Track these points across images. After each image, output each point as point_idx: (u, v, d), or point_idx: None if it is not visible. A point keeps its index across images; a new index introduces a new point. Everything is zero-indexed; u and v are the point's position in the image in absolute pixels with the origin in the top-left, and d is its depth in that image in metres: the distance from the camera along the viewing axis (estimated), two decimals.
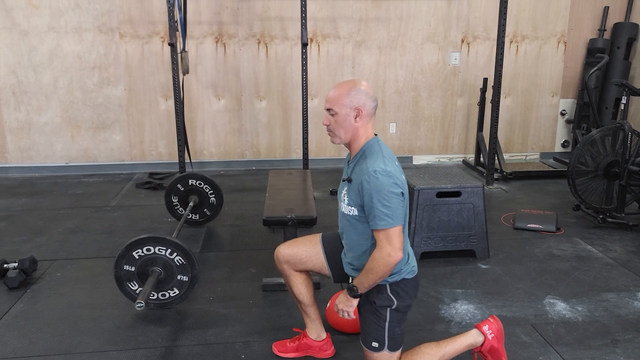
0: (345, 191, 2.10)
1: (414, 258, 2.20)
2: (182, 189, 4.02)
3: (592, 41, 5.94)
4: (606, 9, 5.90)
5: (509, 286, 3.17)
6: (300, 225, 2.91)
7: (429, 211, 3.45)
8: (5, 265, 3.19)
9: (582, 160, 4.23)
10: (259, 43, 5.64)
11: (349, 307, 2.08)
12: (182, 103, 4.68)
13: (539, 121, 6.21)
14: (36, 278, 3.26)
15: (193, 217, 4.09)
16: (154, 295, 2.82)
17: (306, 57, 4.69)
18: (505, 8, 4.85)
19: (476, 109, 5.90)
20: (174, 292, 2.83)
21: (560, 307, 2.92)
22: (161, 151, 5.80)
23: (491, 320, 2.28)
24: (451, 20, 5.80)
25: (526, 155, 6.29)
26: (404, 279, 2.09)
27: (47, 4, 5.31)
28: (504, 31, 4.90)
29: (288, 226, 2.94)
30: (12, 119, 5.54)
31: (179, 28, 4.50)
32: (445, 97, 6.01)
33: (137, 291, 2.80)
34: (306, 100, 4.85)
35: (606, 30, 5.95)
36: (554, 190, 5.12)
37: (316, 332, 2.45)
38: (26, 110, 5.54)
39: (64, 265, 3.45)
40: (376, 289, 2.07)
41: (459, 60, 5.91)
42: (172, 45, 4.53)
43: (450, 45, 5.87)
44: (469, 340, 2.24)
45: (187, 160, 4.84)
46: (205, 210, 4.09)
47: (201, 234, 4.01)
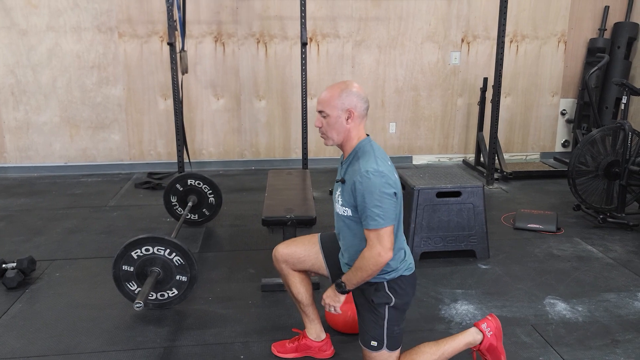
0: (339, 192, 2.11)
1: (411, 255, 2.20)
2: (181, 188, 4.01)
3: (593, 41, 5.94)
4: (606, 9, 5.90)
5: (509, 286, 3.16)
6: (299, 225, 2.91)
7: (429, 211, 3.44)
8: (4, 266, 3.18)
9: (582, 160, 4.22)
10: (258, 42, 5.63)
11: (336, 302, 2.10)
12: (181, 103, 4.67)
13: (539, 121, 6.20)
14: (35, 278, 3.25)
15: (192, 217, 4.09)
16: (152, 295, 2.81)
17: (305, 56, 4.68)
18: (506, 7, 4.84)
19: (476, 109, 5.89)
20: (173, 293, 2.82)
21: (560, 307, 2.91)
22: (160, 151, 5.79)
23: (489, 319, 2.29)
24: (451, 20, 5.79)
25: (526, 155, 6.28)
26: (401, 276, 2.10)
27: (46, 3, 5.30)
28: (504, 31, 4.89)
29: (287, 226, 2.93)
30: (10, 118, 5.53)
31: (178, 27, 4.49)
32: (445, 97, 6.00)
33: (135, 291, 2.79)
34: (305, 99, 4.84)
35: (606, 29, 5.94)
36: (554, 190, 5.11)
37: (315, 333, 2.45)
38: (25, 110, 5.53)
39: (62, 266, 3.44)
40: (374, 287, 2.08)
41: (459, 60, 5.91)
42: (171, 45, 4.52)
43: (450, 45, 5.86)
44: (468, 339, 2.24)
45: (186, 160, 4.83)
46: (204, 210, 4.08)
47: (200, 234, 4.00)
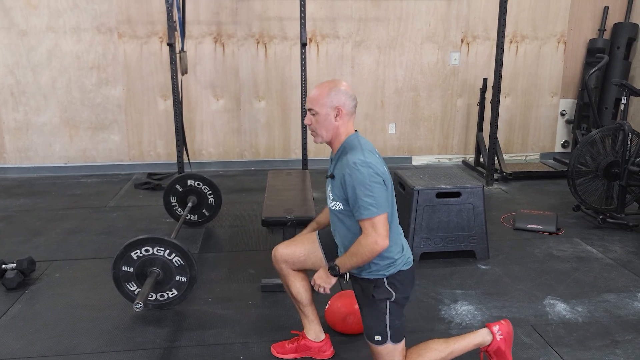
0: (329, 188, 2.15)
1: (409, 249, 2.21)
2: (180, 189, 4.01)
3: (592, 41, 5.94)
4: (606, 9, 5.90)
5: (509, 287, 3.16)
6: (299, 225, 2.90)
7: (428, 212, 3.44)
8: (4, 266, 3.18)
9: (582, 160, 4.22)
10: (258, 43, 5.63)
11: (327, 284, 2.12)
12: (181, 103, 4.66)
13: (538, 121, 6.20)
14: (34, 279, 3.25)
15: (192, 218, 4.08)
16: (152, 296, 2.81)
17: (305, 57, 4.68)
18: (505, 8, 4.84)
19: (476, 109, 5.89)
20: (173, 293, 2.82)
21: (560, 307, 2.91)
22: (160, 151, 5.79)
23: (503, 323, 2.30)
24: (451, 20, 5.79)
25: (526, 156, 6.28)
26: (400, 270, 2.11)
27: (45, 4, 5.30)
28: (503, 31, 4.89)
29: (287, 227, 2.93)
30: (10, 119, 5.53)
31: (177, 28, 4.49)
32: (445, 97, 6.00)
33: (135, 292, 2.79)
34: (305, 100, 4.84)
35: (606, 30, 5.94)
36: (553, 191, 5.11)
37: (314, 333, 2.45)
38: (24, 111, 5.53)
39: (62, 266, 3.44)
40: (374, 284, 2.09)
41: (458, 60, 5.91)
42: (171, 45, 4.52)
43: (449, 45, 5.87)
44: (478, 340, 2.25)
45: (185, 160, 4.82)
46: (203, 210, 4.08)
47: (200, 234, 4.00)
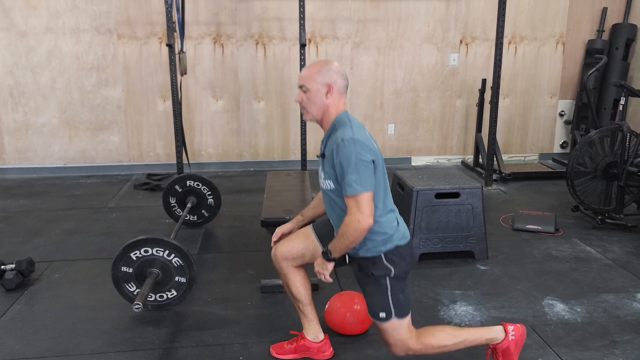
0: (321, 167, 2.16)
1: (404, 224, 2.21)
2: (180, 190, 4.01)
3: (591, 42, 5.95)
4: (604, 10, 5.91)
5: (508, 287, 3.17)
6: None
7: (427, 212, 3.45)
8: (3, 267, 3.17)
9: (580, 161, 4.23)
10: (257, 44, 5.63)
11: (325, 270, 2.12)
12: (180, 104, 4.67)
13: (537, 122, 6.21)
14: (34, 279, 3.25)
15: (191, 219, 4.09)
16: (151, 296, 2.81)
17: (304, 57, 4.68)
18: (504, 9, 4.85)
19: (475, 110, 5.90)
20: (172, 294, 2.82)
21: (559, 308, 2.92)
22: (159, 152, 5.79)
23: (519, 326, 2.30)
24: (449, 21, 5.80)
25: (525, 156, 6.29)
26: (397, 246, 2.12)
27: (44, 4, 5.30)
28: (502, 32, 4.90)
29: None
30: (9, 119, 5.53)
31: (176, 29, 4.49)
32: (444, 98, 6.01)
33: (134, 292, 2.79)
34: None
35: (604, 31, 5.95)
36: (552, 191, 5.12)
37: (314, 333, 2.45)
38: (24, 111, 5.53)
39: (61, 267, 3.44)
40: (371, 261, 2.10)
41: (457, 61, 5.92)
42: (170, 46, 4.52)
43: (448, 46, 5.87)
44: (491, 335, 2.25)
45: (185, 161, 4.83)
46: (203, 211, 4.08)
47: (199, 235, 4.00)
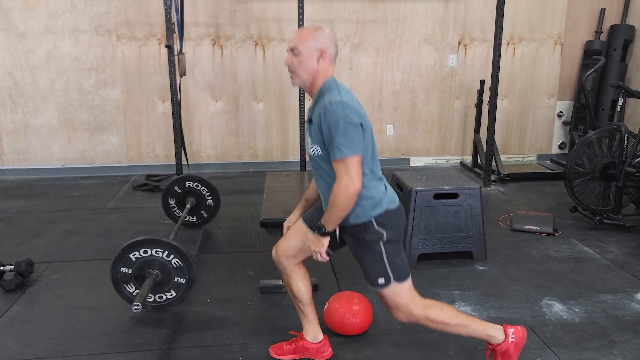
0: (308, 132, 2.13)
1: (392, 190, 2.21)
2: (179, 191, 4.01)
3: (589, 43, 5.96)
4: (602, 11, 5.93)
5: (507, 288, 3.17)
6: None
7: (426, 213, 3.45)
8: (2, 268, 3.17)
9: (579, 162, 4.24)
10: (256, 45, 5.64)
11: (320, 247, 2.10)
12: (179, 105, 4.67)
13: (535, 123, 6.22)
14: (33, 280, 3.25)
15: (190, 219, 4.09)
16: (151, 297, 2.81)
17: None
18: (502, 10, 4.86)
19: (473, 111, 5.91)
20: (171, 295, 2.82)
21: (557, 308, 2.92)
22: (158, 153, 5.79)
23: (519, 328, 2.29)
24: (448, 22, 5.81)
25: (523, 157, 6.30)
26: (387, 210, 2.11)
27: (44, 5, 5.31)
28: (500, 33, 4.91)
29: None
30: (8, 121, 5.53)
31: (176, 30, 4.49)
32: (443, 99, 6.02)
33: (134, 293, 2.79)
34: (303, 101, 4.85)
35: (602, 32, 5.97)
36: (551, 192, 5.12)
37: (313, 334, 2.45)
38: (23, 112, 5.53)
39: (60, 268, 3.44)
40: (363, 227, 2.10)
41: (456, 62, 5.93)
42: (169, 47, 4.52)
43: (447, 47, 5.88)
44: (492, 332, 2.23)
45: (184, 162, 4.83)
46: (202, 212, 4.08)
47: (198, 236, 4.00)
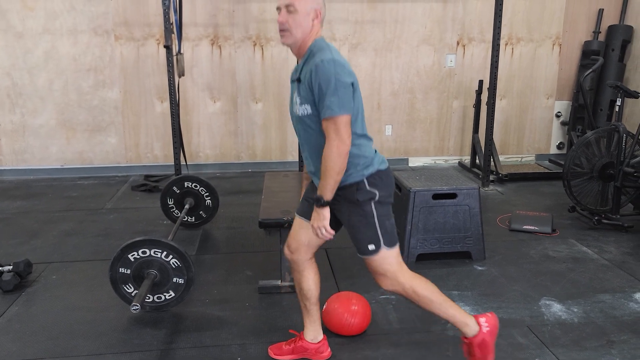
0: (296, 93, 2.11)
1: (380, 154, 2.22)
2: (177, 191, 4.01)
3: (587, 43, 5.97)
4: (601, 12, 5.93)
5: (505, 288, 3.18)
6: None
7: (425, 213, 3.46)
8: (0, 268, 3.17)
9: (577, 162, 4.24)
10: (254, 45, 5.64)
11: (322, 220, 2.08)
12: (178, 105, 4.67)
13: (534, 123, 6.23)
14: (31, 281, 3.24)
15: (189, 220, 4.09)
16: (149, 297, 2.81)
17: None
18: (501, 10, 4.86)
19: (472, 111, 5.91)
20: (170, 295, 2.82)
21: (556, 308, 2.93)
22: (157, 153, 5.79)
23: (489, 315, 2.28)
24: (446, 23, 5.82)
25: (522, 157, 6.31)
26: (378, 170, 2.13)
27: (42, 5, 5.30)
28: (499, 33, 4.91)
29: (284, 228, 2.94)
30: (6, 121, 5.52)
31: (174, 30, 4.49)
32: (441, 99, 6.02)
33: (132, 294, 2.79)
34: None
35: (601, 32, 5.97)
36: (549, 192, 5.13)
37: (313, 334, 2.45)
38: (21, 113, 5.52)
39: (59, 268, 3.43)
40: (355, 187, 2.10)
41: (454, 63, 5.93)
42: (168, 48, 4.52)
43: (445, 48, 5.89)
44: (468, 321, 2.22)
45: (182, 162, 4.83)
46: (201, 212, 4.08)
47: (197, 236, 4.00)
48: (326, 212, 2.07)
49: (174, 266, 2.75)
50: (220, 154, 5.88)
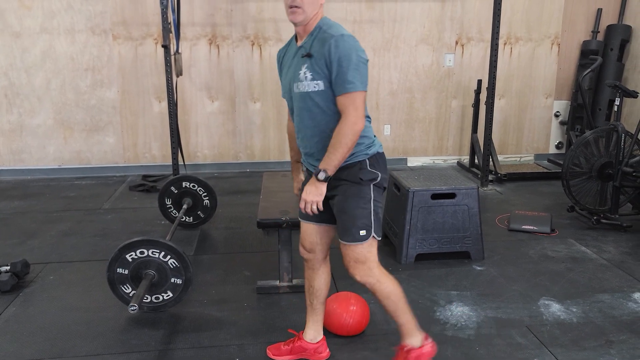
0: (305, 68, 2.05)
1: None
2: (175, 191, 4.00)
3: (586, 43, 5.97)
4: (599, 11, 5.93)
5: (504, 287, 3.17)
6: (294, 227, 2.90)
7: (423, 213, 3.45)
8: None
9: (576, 161, 4.24)
10: (252, 44, 5.63)
11: (318, 196, 2.04)
12: (176, 105, 4.66)
13: (533, 123, 6.23)
14: (28, 281, 3.23)
15: (187, 220, 4.08)
16: (147, 298, 2.80)
17: None
18: (499, 10, 4.86)
19: (470, 111, 5.91)
20: (168, 295, 2.81)
21: (554, 308, 2.92)
22: (155, 153, 5.78)
23: (433, 343, 2.31)
24: (445, 22, 5.81)
25: (520, 157, 6.30)
26: (377, 152, 2.15)
27: (39, 5, 5.28)
28: (497, 33, 4.91)
29: (282, 228, 2.94)
30: (4, 121, 5.50)
31: (172, 30, 4.48)
32: (440, 99, 6.02)
33: (130, 294, 2.78)
34: None
35: (599, 32, 5.98)
36: (548, 192, 5.13)
37: (313, 333, 2.45)
38: (18, 113, 5.50)
39: (56, 269, 3.42)
40: (358, 166, 2.10)
41: (453, 62, 5.93)
42: (166, 47, 4.51)
43: (444, 47, 5.88)
44: (415, 330, 2.26)
45: (180, 162, 4.82)
46: (199, 212, 4.07)
47: (195, 236, 3.99)
48: (324, 188, 2.05)
49: (171, 266, 2.74)
50: (219, 153, 5.87)
